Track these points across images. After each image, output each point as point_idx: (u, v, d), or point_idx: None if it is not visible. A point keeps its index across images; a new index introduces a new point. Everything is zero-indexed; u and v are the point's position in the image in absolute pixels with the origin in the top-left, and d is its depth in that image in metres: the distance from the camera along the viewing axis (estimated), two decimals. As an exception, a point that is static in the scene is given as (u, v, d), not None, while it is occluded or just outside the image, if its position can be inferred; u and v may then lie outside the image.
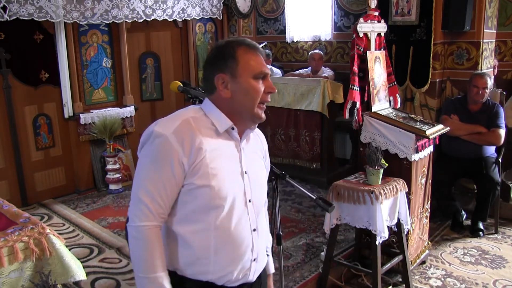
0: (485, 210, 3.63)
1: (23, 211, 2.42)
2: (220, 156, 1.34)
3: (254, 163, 1.46)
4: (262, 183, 1.49)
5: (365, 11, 3.24)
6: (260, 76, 1.37)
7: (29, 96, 4.51)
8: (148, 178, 1.29)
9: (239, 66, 1.34)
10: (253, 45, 1.39)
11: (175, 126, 1.29)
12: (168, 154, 1.27)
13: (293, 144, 4.97)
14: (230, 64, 1.34)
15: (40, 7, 4.26)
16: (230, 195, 1.33)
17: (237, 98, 1.36)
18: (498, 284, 2.98)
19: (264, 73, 1.37)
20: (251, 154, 1.46)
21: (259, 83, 1.37)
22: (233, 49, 1.35)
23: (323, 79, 4.62)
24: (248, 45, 1.38)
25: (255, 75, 1.35)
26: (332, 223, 2.79)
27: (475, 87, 3.64)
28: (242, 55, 1.35)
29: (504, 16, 4.28)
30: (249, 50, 1.37)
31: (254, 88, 1.35)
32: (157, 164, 1.28)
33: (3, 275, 2.04)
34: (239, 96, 1.35)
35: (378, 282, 2.67)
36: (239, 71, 1.34)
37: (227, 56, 1.35)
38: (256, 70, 1.35)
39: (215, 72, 1.36)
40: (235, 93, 1.35)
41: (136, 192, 1.31)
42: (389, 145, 2.91)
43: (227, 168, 1.35)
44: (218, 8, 5.81)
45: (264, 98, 1.38)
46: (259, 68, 1.36)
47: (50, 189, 4.75)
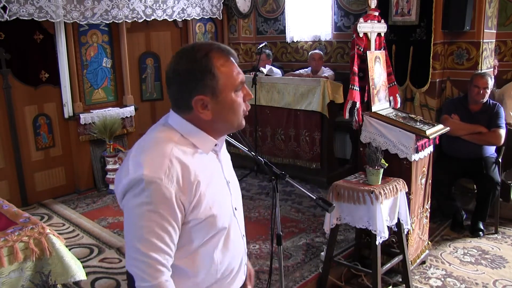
0: (485, 210, 3.63)
1: (23, 211, 2.42)
2: (211, 178, 1.24)
3: (230, 169, 1.40)
4: (239, 188, 1.43)
5: (365, 11, 3.24)
6: (240, 87, 1.24)
7: (29, 96, 4.51)
8: (151, 231, 1.14)
9: (219, 83, 1.19)
10: (226, 50, 1.23)
11: (165, 166, 1.13)
12: (167, 200, 1.13)
13: (293, 144, 4.97)
14: (209, 82, 1.18)
15: (40, 7, 4.26)
16: (228, 213, 1.30)
17: (219, 118, 1.22)
18: (498, 284, 2.98)
19: (243, 82, 1.25)
20: (227, 161, 1.39)
21: (239, 94, 1.24)
22: (207, 60, 1.18)
23: (323, 79, 4.62)
24: (221, 51, 1.21)
25: (236, 88, 1.22)
26: (332, 223, 2.79)
27: (475, 87, 3.64)
28: (220, 68, 1.18)
29: (504, 16, 4.28)
30: (224, 58, 1.21)
31: (237, 102, 1.23)
32: (158, 214, 1.13)
33: (3, 275, 2.04)
34: (222, 115, 1.22)
35: (378, 282, 2.67)
36: (220, 89, 1.19)
37: (204, 72, 1.17)
38: (237, 82, 1.22)
39: (191, 92, 1.18)
40: (217, 113, 1.21)
41: (138, 247, 1.14)
42: (389, 145, 2.91)
43: (218, 186, 1.28)
44: (218, 8, 5.81)
45: (246, 108, 1.28)
46: (239, 78, 1.23)
47: (50, 189, 4.75)
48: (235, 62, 1.24)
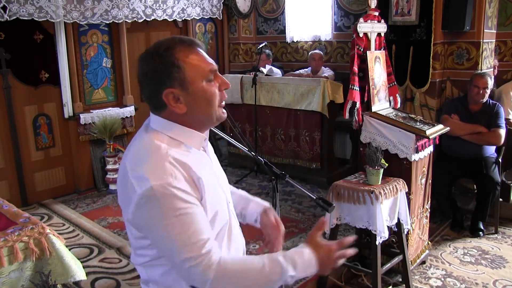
0: (485, 210, 3.63)
1: (23, 211, 2.42)
2: (208, 174, 1.22)
3: (217, 163, 1.38)
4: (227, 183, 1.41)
5: (365, 11, 3.24)
6: (210, 76, 1.20)
7: (29, 96, 4.51)
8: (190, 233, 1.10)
9: (187, 74, 1.17)
10: (189, 41, 1.21)
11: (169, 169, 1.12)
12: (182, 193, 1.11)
13: (293, 144, 4.97)
14: (175, 74, 1.16)
15: (40, 7, 4.26)
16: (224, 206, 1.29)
17: (194, 109, 1.20)
18: (498, 284, 2.98)
19: (213, 70, 1.21)
20: (212, 154, 1.37)
21: (212, 84, 1.21)
22: (171, 54, 1.16)
23: (323, 79, 4.62)
24: (184, 43, 1.19)
25: (206, 78, 1.19)
26: (332, 223, 2.79)
27: (475, 87, 3.64)
28: (183, 59, 1.16)
29: (504, 16, 4.28)
30: (188, 49, 1.19)
31: (209, 92, 1.20)
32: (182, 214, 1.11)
33: (3, 275, 2.04)
34: (197, 106, 1.20)
35: (378, 282, 2.67)
36: (188, 80, 1.17)
37: (168, 66, 1.16)
38: (206, 71, 1.19)
39: (160, 88, 1.17)
40: (191, 105, 1.19)
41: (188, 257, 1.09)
42: (389, 145, 2.90)
43: (213, 182, 1.26)
44: (218, 8, 5.81)
45: (222, 97, 1.24)
46: (207, 67, 1.20)
47: (50, 189, 4.75)
48: (201, 51, 1.22)
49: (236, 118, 5.21)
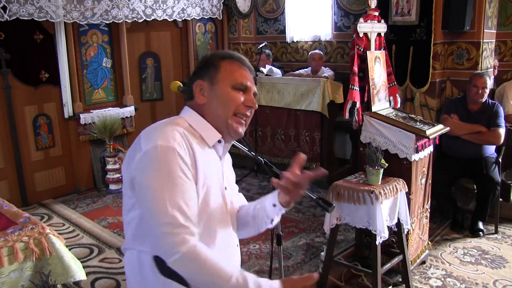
0: (485, 210, 3.63)
1: (23, 211, 2.42)
2: (210, 171, 1.28)
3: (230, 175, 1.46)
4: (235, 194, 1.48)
5: (365, 11, 3.24)
6: (241, 87, 1.32)
7: (29, 96, 4.51)
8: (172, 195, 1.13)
9: (219, 74, 1.31)
10: (240, 58, 1.36)
11: (178, 138, 1.19)
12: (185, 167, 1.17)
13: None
14: (211, 72, 1.31)
15: (40, 7, 4.26)
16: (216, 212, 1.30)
17: (211, 105, 1.31)
18: (498, 284, 2.98)
19: (245, 85, 1.33)
20: (228, 165, 1.45)
21: (238, 93, 1.32)
22: (217, 59, 1.33)
23: (323, 79, 4.62)
24: (234, 58, 1.35)
25: (234, 85, 1.31)
26: (332, 223, 2.79)
27: (474, 87, 3.64)
28: (225, 65, 1.32)
29: (504, 16, 4.28)
30: (234, 62, 1.34)
31: (230, 96, 1.30)
32: (178, 178, 1.15)
33: (3, 275, 2.04)
34: (213, 103, 1.30)
35: (378, 282, 2.67)
36: (218, 79, 1.31)
37: (210, 65, 1.33)
38: (237, 80, 1.31)
39: (195, 78, 1.33)
40: (210, 99, 1.31)
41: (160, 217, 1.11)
42: (389, 145, 2.91)
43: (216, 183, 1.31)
44: (218, 8, 5.81)
45: (241, 110, 1.32)
46: (241, 79, 1.32)
47: (50, 189, 4.75)
48: (246, 69, 1.35)
49: (236, 118, 5.20)
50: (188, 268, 1.11)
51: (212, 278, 1.11)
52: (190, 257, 1.09)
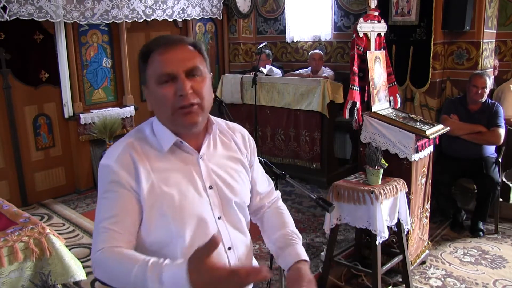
0: (485, 210, 3.63)
1: (23, 211, 2.42)
2: (172, 178, 1.19)
3: (223, 173, 1.28)
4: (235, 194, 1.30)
5: (365, 11, 3.24)
6: (164, 79, 1.16)
7: (29, 96, 4.51)
8: (103, 209, 1.17)
9: (146, 73, 1.20)
10: (163, 40, 1.19)
11: (118, 153, 1.18)
12: (117, 181, 1.16)
13: (293, 144, 4.97)
14: (142, 73, 1.21)
15: (40, 7, 4.26)
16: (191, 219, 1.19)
17: (155, 110, 1.23)
18: (498, 284, 2.98)
19: (168, 74, 1.15)
20: (219, 161, 1.29)
21: (167, 87, 1.16)
22: (143, 56, 1.20)
23: (323, 79, 4.62)
24: (157, 44, 1.19)
25: (157, 80, 1.17)
26: (332, 223, 2.79)
27: (474, 86, 3.64)
28: (149, 59, 1.19)
29: (504, 16, 4.28)
30: (158, 49, 1.18)
31: (159, 96, 1.17)
32: (109, 192, 1.17)
33: (3, 275, 2.04)
34: (154, 108, 1.22)
35: (378, 282, 2.67)
36: (147, 79, 1.20)
37: (140, 65, 1.23)
38: (157, 73, 1.16)
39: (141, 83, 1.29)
40: (151, 103, 1.23)
41: (95, 227, 1.18)
42: (389, 145, 2.91)
43: (183, 189, 1.20)
44: (218, 8, 5.81)
45: (177, 104, 1.16)
46: (161, 69, 1.16)
47: (50, 189, 4.75)
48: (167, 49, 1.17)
49: (236, 118, 5.19)
50: (97, 266, 1.12)
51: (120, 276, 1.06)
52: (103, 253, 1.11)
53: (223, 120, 1.39)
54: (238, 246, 1.30)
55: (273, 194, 1.52)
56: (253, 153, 1.43)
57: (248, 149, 1.41)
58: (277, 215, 1.47)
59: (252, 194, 1.43)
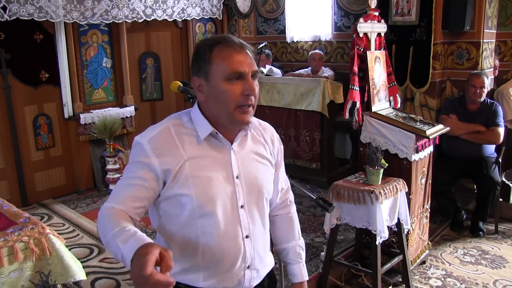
0: (485, 210, 3.63)
1: (23, 211, 2.42)
2: (203, 163, 1.28)
3: (251, 165, 1.37)
4: (260, 187, 1.39)
5: (365, 11, 3.24)
6: (234, 76, 1.23)
7: (29, 96, 4.51)
8: (121, 182, 1.29)
9: (211, 68, 1.24)
10: (230, 41, 1.26)
11: (153, 134, 1.27)
12: (142, 160, 1.25)
13: (293, 144, 4.97)
14: (203, 67, 1.25)
15: (40, 7, 4.26)
16: (215, 203, 1.28)
17: (211, 103, 1.27)
18: (498, 284, 2.98)
19: (239, 73, 1.23)
20: (248, 155, 1.37)
21: (233, 85, 1.23)
22: (208, 49, 1.25)
23: (323, 79, 4.62)
24: (223, 43, 1.25)
25: (227, 77, 1.22)
26: (332, 223, 2.79)
27: (472, 86, 3.65)
28: (215, 55, 1.24)
29: (504, 16, 4.28)
30: (224, 48, 1.24)
31: (225, 92, 1.23)
32: (131, 169, 1.27)
33: (3, 275, 2.04)
34: (212, 101, 1.27)
35: (378, 282, 2.67)
36: (211, 74, 1.24)
37: (201, 59, 1.26)
38: (228, 71, 1.22)
39: (192, 74, 1.30)
40: (209, 97, 1.27)
41: (118, 183, 1.32)
42: (389, 145, 2.91)
43: (212, 175, 1.28)
44: (218, 8, 5.81)
45: (241, 102, 1.24)
46: (233, 67, 1.22)
47: (50, 189, 4.75)
48: (239, 51, 1.25)
49: (236, 118, 5.20)
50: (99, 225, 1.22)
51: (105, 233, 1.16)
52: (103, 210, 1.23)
53: (255, 118, 1.45)
54: (256, 237, 1.38)
55: (288, 192, 1.61)
56: (280, 154, 1.52)
57: (277, 149, 1.50)
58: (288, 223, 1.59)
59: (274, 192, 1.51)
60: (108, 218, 1.18)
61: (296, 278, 1.56)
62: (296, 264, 1.56)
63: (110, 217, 1.18)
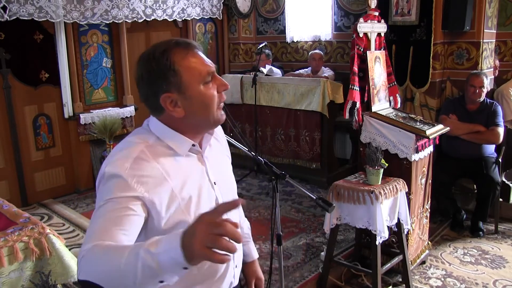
0: (485, 210, 3.63)
1: (23, 211, 2.42)
2: (187, 180, 1.20)
3: (220, 168, 1.35)
4: (231, 186, 1.39)
5: (365, 11, 3.24)
6: (209, 78, 1.18)
7: (29, 96, 4.51)
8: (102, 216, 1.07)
9: (183, 79, 1.15)
10: (185, 43, 1.19)
11: (130, 163, 1.12)
12: (125, 193, 1.08)
13: (293, 144, 4.97)
14: (173, 79, 1.14)
15: (40, 7, 4.26)
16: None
17: (192, 113, 1.18)
18: (498, 284, 2.98)
19: (211, 72, 1.19)
20: (216, 158, 1.34)
21: (210, 86, 1.19)
22: (166, 57, 1.14)
23: (323, 79, 4.62)
24: (179, 45, 1.17)
25: (203, 80, 1.17)
26: (332, 223, 2.79)
27: (472, 86, 3.66)
28: (179, 62, 1.15)
29: (504, 16, 4.28)
30: (184, 52, 1.17)
31: (207, 95, 1.18)
32: (113, 202, 1.07)
33: (3, 275, 2.04)
34: (194, 110, 1.18)
35: (378, 282, 2.67)
36: (185, 84, 1.15)
37: (165, 70, 1.14)
38: (203, 74, 1.17)
39: (157, 92, 1.16)
40: (189, 109, 1.17)
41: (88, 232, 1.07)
42: (389, 145, 2.91)
43: (197, 189, 1.22)
44: (218, 8, 5.81)
45: (220, 99, 1.22)
46: (204, 69, 1.17)
47: (50, 189, 4.75)
48: (199, 53, 1.19)
49: (236, 118, 5.21)
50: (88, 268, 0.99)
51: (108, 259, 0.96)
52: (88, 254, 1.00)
53: None
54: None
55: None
56: (226, 144, 1.50)
57: (226, 145, 1.48)
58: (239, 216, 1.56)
59: None
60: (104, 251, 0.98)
61: (247, 258, 1.59)
62: (245, 245, 1.58)
63: (107, 249, 0.98)
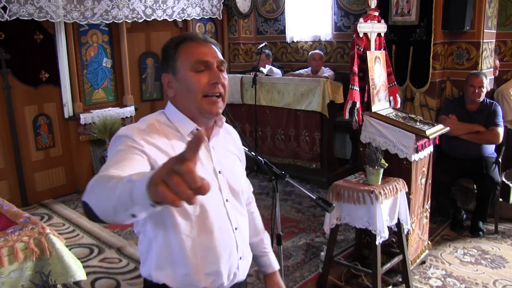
0: (485, 210, 3.63)
1: (23, 211, 2.42)
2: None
3: (227, 161, 1.40)
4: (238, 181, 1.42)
5: (365, 11, 3.24)
6: (200, 66, 1.26)
7: (29, 96, 4.51)
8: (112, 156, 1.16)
9: (177, 62, 1.28)
10: (194, 36, 1.31)
11: (140, 128, 1.24)
12: (132, 147, 1.17)
13: (293, 144, 4.97)
14: (171, 62, 1.29)
15: (40, 7, 4.26)
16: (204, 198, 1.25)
17: (180, 96, 1.30)
18: (498, 284, 2.98)
19: (204, 61, 1.26)
20: (223, 152, 1.39)
21: (200, 75, 1.26)
22: (172, 48, 1.30)
23: (323, 79, 4.62)
24: (187, 38, 1.30)
25: (192, 66, 1.26)
26: (332, 223, 2.79)
27: (471, 86, 3.66)
28: (181, 50, 1.28)
29: (504, 16, 4.28)
30: (189, 43, 1.29)
31: (192, 81, 1.26)
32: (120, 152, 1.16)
33: (3, 275, 2.04)
34: (181, 93, 1.29)
35: (378, 282, 2.67)
36: (177, 67, 1.28)
37: (168, 56, 1.30)
38: (193, 60, 1.26)
39: (162, 72, 1.33)
40: (177, 91, 1.30)
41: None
42: (389, 145, 2.91)
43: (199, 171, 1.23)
44: (218, 8, 5.81)
45: (208, 91, 1.26)
46: (198, 57, 1.26)
47: (50, 189, 4.75)
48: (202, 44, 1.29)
49: (236, 118, 5.21)
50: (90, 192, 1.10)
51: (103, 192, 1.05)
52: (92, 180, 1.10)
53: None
54: (243, 228, 1.41)
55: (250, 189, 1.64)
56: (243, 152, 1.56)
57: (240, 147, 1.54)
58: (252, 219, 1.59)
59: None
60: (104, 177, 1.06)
61: (267, 269, 1.60)
62: (265, 256, 1.60)
63: (106, 176, 1.06)
